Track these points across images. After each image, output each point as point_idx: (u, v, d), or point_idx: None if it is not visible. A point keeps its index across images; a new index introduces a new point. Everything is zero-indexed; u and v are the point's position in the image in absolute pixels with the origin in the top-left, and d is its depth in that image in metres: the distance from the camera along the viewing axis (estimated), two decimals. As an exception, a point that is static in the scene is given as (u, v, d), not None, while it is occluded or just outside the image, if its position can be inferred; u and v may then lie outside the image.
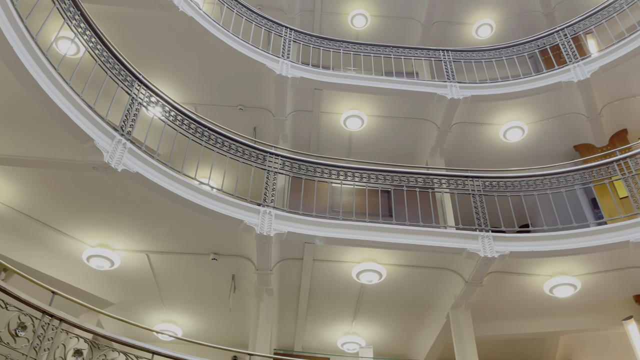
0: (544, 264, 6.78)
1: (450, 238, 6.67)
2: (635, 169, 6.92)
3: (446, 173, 7.53)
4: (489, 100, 8.76)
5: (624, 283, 7.06)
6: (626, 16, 8.50)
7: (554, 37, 9.13)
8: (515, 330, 7.72)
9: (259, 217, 6.33)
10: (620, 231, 6.42)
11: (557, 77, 8.49)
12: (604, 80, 8.34)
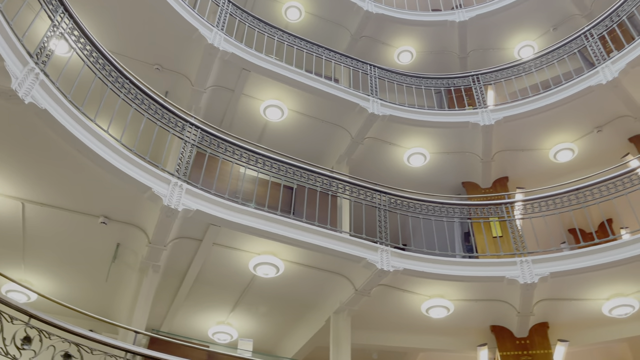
0: (428, 285, 7.24)
1: (353, 246, 6.82)
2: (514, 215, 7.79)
3: (357, 182, 7.70)
4: (403, 122, 9.18)
5: (486, 313, 7.82)
6: (532, 75, 9.53)
7: (469, 80, 9.88)
8: (386, 342, 8.12)
9: (169, 188, 5.89)
10: (499, 267, 7.12)
11: (466, 117, 9.19)
12: (504, 130, 9.21)
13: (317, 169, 7.55)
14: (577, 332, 7.74)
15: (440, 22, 11.45)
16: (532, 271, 6.90)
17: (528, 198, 7.86)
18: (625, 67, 7.95)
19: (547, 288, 7.09)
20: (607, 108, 8.66)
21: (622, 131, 8.99)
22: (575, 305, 7.41)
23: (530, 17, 11.34)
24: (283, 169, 7.25)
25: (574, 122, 9.00)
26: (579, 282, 7.00)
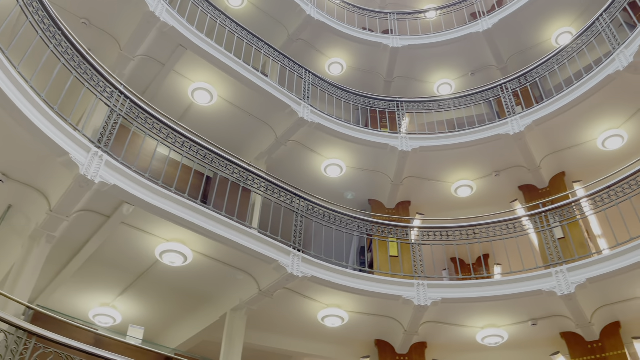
0: (329, 294, 7.43)
1: (266, 246, 6.80)
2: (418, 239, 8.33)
3: (279, 184, 7.70)
4: (328, 133, 9.36)
5: (375, 327, 8.23)
6: (449, 111, 10.26)
7: (393, 105, 10.37)
8: (276, 344, 8.18)
9: (88, 157, 5.43)
10: (398, 286, 7.53)
11: (387, 140, 9.63)
12: (417, 158, 9.78)
13: (243, 163, 7.43)
14: (451, 354, 8.43)
15: (375, 43, 11.86)
16: (426, 295, 7.39)
17: (427, 226, 8.42)
18: (531, 123, 8.88)
19: (435, 311, 7.64)
20: (508, 156, 9.59)
21: (515, 179, 9.99)
22: (454, 329, 8.06)
23: (453, 59, 12.17)
24: (209, 156, 7.04)
25: (478, 162, 9.83)
26: (463, 309, 7.63)
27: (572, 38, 9.08)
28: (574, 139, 9.14)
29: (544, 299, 7.20)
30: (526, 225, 7.93)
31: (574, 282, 6.83)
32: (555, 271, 7.08)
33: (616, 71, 7.80)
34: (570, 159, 9.47)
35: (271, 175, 7.97)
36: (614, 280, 6.72)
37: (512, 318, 7.76)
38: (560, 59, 9.08)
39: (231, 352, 6.97)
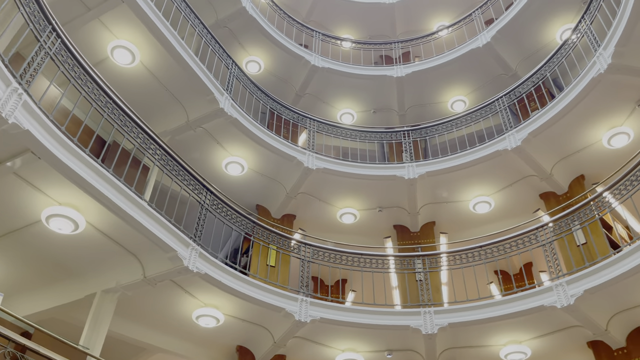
0: (209, 292, 7.22)
1: (165, 232, 6.41)
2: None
3: (189, 170, 7.36)
4: (240, 130, 9.24)
5: (243, 333, 8.20)
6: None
7: (306, 120, 10.61)
8: (137, 336, 7.68)
9: (7, 92, 4.65)
10: (281, 298, 7.64)
11: (294, 152, 9.85)
12: (318, 177, 10.10)
13: (151, 133, 6.93)
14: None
15: (298, 55, 12.07)
16: (307, 312, 7.62)
17: (315, 245, 8.71)
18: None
19: (309, 329, 7.87)
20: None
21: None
22: (317, 347, 8.37)
23: (360, 91, 12.80)
24: (116, 112, 6.44)
25: (364, 193, 10.46)
26: (331, 330, 7.99)
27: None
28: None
29: (406, 334, 7.89)
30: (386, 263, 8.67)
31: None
32: (423, 311, 7.83)
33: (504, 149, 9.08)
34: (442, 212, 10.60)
35: (180, 157, 7.52)
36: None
37: (370, 346, 8.33)
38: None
39: (94, 336, 6.38)
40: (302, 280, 8.05)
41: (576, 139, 9.09)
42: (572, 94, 8.44)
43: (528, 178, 9.82)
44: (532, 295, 7.27)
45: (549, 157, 9.44)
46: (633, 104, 8.43)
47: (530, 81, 9.74)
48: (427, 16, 14.86)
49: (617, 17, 7.41)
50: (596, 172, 9.52)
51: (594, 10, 8.35)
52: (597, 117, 8.70)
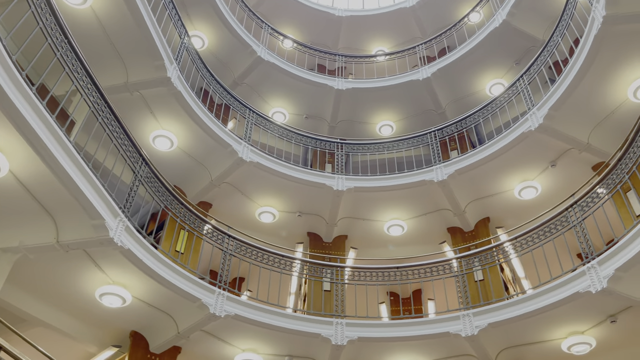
0: (124, 273, 6.65)
1: (95, 195, 5.79)
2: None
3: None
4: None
5: (140, 318, 7.58)
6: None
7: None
8: (22, 305, 6.80)
9: None
10: (195, 286, 7.24)
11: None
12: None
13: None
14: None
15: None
16: (223, 306, 7.31)
17: (234, 236, 8.40)
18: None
19: (218, 324, 7.54)
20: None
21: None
22: (215, 342, 8.05)
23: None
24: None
25: (288, 197, 10.41)
26: (234, 327, 7.76)
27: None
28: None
29: (312, 342, 7.91)
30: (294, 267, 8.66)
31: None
32: (335, 321, 7.90)
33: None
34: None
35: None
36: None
37: (271, 349, 8.20)
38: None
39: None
40: (222, 273, 7.71)
41: (493, 184, 9.94)
42: (502, 142, 9.24)
43: (442, 211, 10.43)
44: (442, 321, 7.72)
45: (465, 195, 10.13)
46: (547, 163, 9.41)
47: (460, 124, 10.48)
48: (370, 38, 15.32)
49: (555, 84, 8.23)
50: (501, 217, 10.46)
51: (533, 72, 9.24)
52: (515, 169, 9.61)
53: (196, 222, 8.15)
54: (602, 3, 7.15)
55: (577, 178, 9.49)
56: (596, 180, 7.24)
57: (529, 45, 11.68)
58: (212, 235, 8.08)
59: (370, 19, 14.97)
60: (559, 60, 9.31)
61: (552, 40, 9.00)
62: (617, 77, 8.01)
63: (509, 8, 11.24)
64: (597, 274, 6.44)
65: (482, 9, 12.49)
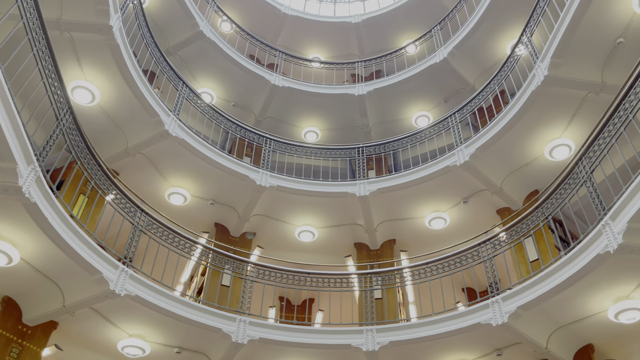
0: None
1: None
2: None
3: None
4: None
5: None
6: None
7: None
8: None
9: None
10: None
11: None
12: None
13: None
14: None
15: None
16: (125, 285, 6.65)
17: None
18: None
19: (114, 305, 6.88)
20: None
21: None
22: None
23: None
24: None
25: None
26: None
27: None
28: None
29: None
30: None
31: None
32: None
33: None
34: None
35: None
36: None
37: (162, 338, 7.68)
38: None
39: None
40: (129, 249, 7.03)
41: (408, 209, 10.46)
42: (427, 171, 9.78)
43: (355, 225, 10.65)
44: (344, 332, 7.73)
45: (380, 214, 10.42)
46: (460, 198, 9.99)
47: (386, 146, 10.79)
48: (309, 43, 15.27)
49: (487, 127, 8.81)
50: (407, 241, 11.00)
51: (466, 112, 9.73)
52: (431, 198, 10.15)
53: (104, 186, 7.35)
54: (546, 63, 7.77)
55: (483, 218, 10.18)
56: (506, 226, 7.77)
57: (459, 86, 12.26)
58: (121, 205, 7.35)
59: (313, 24, 14.94)
60: (484, 106, 9.94)
61: (489, 87, 9.58)
62: (540, 133, 8.76)
63: (451, 48, 11.70)
64: (500, 309, 6.87)
65: (425, 43, 12.86)
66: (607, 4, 7.05)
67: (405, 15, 14.49)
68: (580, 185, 6.45)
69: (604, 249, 5.70)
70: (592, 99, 8.11)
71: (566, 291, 6.40)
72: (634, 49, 7.44)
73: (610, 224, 5.67)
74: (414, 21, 14.62)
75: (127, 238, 7.30)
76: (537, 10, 8.48)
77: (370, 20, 14.70)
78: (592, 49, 7.61)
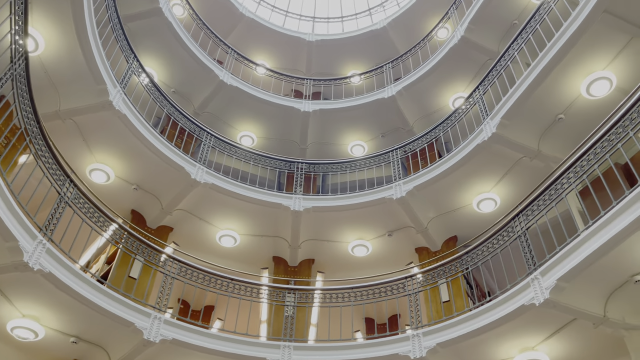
0: None
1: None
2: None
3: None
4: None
5: None
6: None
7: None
8: None
9: None
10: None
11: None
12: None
13: None
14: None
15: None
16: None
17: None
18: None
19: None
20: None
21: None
22: None
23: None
24: None
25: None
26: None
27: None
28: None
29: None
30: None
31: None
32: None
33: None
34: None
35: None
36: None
37: None
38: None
39: None
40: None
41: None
42: (359, 198, 9.88)
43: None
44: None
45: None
46: (385, 230, 10.33)
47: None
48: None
49: (428, 168, 9.25)
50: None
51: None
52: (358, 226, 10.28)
53: (37, 146, 6.60)
54: (496, 121, 8.47)
55: (402, 253, 10.61)
56: (433, 265, 8.17)
57: (399, 125, 12.84)
58: (51, 171, 6.60)
59: (268, 31, 15.04)
60: (418, 150, 10.43)
61: (433, 132, 10.15)
62: (473, 184, 9.39)
63: (400, 88, 12.19)
64: (420, 343, 7.11)
65: (375, 77, 13.27)
66: (559, 81, 7.82)
67: (357, 47, 15.05)
68: (514, 239, 6.95)
69: (529, 300, 6.14)
70: (524, 163, 8.83)
71: (483, 335, 6.76)
72: (571, 126, 8.29)
73: (539, 279, 6.13)
74: (364, 54, 15.24)
75: (47, 208, 6.58)
76: (493, 72, 9.16)
77: (325, 42, 15.02)
78: (536, 118, 8.35)
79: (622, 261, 5.65)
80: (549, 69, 7.70)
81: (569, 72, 7.72)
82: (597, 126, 6.89)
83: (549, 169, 8.63)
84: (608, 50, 7.43)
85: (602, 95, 7.82)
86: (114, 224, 7.41)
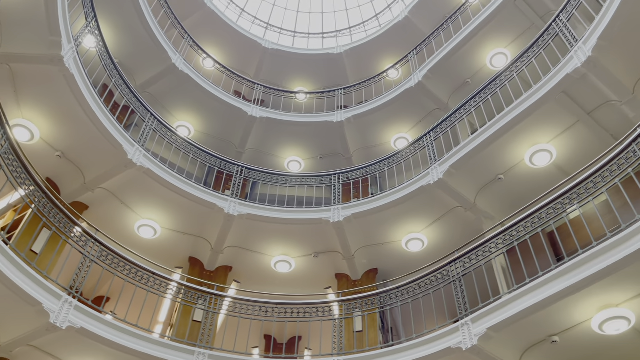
0: None
1: None
2: None
3: None
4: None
5: None
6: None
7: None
8: None
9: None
10: None
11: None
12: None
13: None
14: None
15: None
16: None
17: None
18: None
19: None
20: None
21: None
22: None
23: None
24: None
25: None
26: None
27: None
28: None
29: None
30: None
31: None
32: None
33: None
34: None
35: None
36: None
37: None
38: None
39: None
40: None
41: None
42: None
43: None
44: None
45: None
46: (312, 251, 10.31)
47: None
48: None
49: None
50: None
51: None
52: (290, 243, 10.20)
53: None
54: (444, 168, 8.94)
55: (322, 276, 10.69)
56: (365, 294, 8.32)
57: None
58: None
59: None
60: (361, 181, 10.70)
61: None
62: (406, 222, 9.76)
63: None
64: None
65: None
66: (508, 144, 8.43)
67: (310, 65, 15.57)
68: (448, 283, 7.23)
69: (456, 344, 6.38)
70: (459, 212, 9.30)
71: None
72: (507, 187, 8.94)
73: (469, 325, 6.41)
74: (315, 74, 15.68)
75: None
76: (447, 122, 9.68)
77: (280, 53, 15.24)
78: (479, 173, 8.88)
79: (545, 321, 6.08)
80: (503, 130, 8.28)
81: (519, 138, 8.35)
82: (531, 196, 7.68)
83: (479, 223, 9.18)
84: (556, 126, 8.15)
85: (541, 166, 8.52)
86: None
